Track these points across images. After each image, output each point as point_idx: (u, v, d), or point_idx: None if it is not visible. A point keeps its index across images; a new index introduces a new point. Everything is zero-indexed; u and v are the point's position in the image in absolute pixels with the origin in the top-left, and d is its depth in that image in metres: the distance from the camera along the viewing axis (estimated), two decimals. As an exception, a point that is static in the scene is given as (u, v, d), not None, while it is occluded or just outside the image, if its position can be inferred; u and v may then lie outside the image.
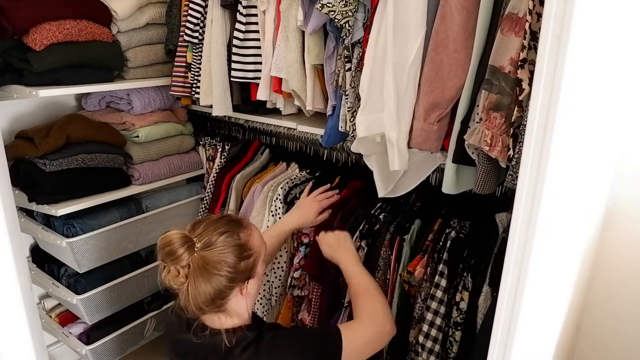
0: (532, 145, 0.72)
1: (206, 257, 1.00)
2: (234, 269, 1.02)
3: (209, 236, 1.02)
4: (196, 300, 1.00)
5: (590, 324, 1.60)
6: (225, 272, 1.01)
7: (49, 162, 1.57)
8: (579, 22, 0.66)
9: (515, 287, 0.79)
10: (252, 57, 1.55)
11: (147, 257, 1.93)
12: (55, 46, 1.51)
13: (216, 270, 1.00)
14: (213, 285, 1.00)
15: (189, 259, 0.99)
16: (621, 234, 1.48)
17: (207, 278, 1.00)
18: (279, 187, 1.64)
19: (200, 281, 0.99)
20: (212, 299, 1.01)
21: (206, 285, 1.00)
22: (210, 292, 1.00)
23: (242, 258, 1.04)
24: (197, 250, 1.00)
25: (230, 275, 1.01)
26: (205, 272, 0.99)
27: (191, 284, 0.99)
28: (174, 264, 0.99)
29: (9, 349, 1.04)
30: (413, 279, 1.31)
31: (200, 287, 0.99)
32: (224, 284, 1.01)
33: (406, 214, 1.44)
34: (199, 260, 0.99)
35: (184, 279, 0.99)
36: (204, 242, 1.01)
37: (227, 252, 1.01)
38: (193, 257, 0.99)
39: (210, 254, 1.00)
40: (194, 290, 0.99)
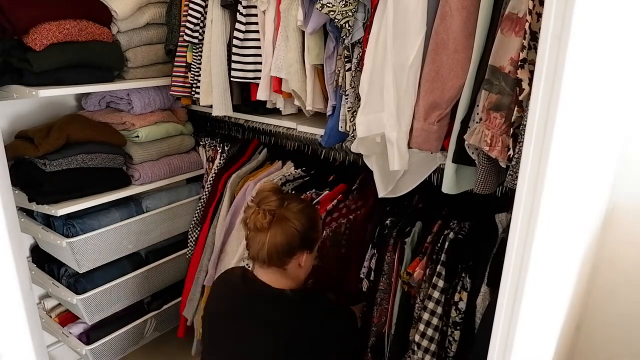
0: (532, 145, 0.72)
1: (288, 215, 1.21)
2: (305, 232, 1.22)
3: (293, 201, 1.25)
4: (270, 248, 1.19)
5: (590, 323, 1.60)
6: (301, 229, 1.21)
7: (49, 162, 1.57)
8: (579, 22, 0.66)
9: (515, 287, 0.79)
10: (252, 57, 1.55)
11: (147, 257, 1.93)
12: (55, 46, 1.51)
13: (293, 225, 1.20)
14: (287, 237, 1.20)
15: (278, 206, 1.21)
16: (621, 234, 1.48)
17: (285, 229, 1.20)
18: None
19: (279, 230, 1.19)
20: (282, 251, 1.20)
21: (282, 235, 1.19)
22: (284, 243, 1.20)
23: (312, 229, 1.25)
24: (284, 207, 1.22)
25: (301, 235, 1.22)
26: (285, 224, 1.20)
27: (272, 231, 1.19)
28: (266, 206, 1.20)
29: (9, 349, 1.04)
30: (412, 280, 1.31)
31: (277, 236, 1.19)
32: (296, 240, 1.21)
33: (408, 216, 1.44)
34: (282, 213, 1.20)
35: (267, 224, 1.19)
36: (288, 203, 1.24)
37: (304, 217, 1.23)
38: (280, 208, 1.21)
39: (292, 214, 1.21)
40: (272, 237, 1.19)
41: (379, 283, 1.40)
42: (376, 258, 1.42)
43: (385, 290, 1.40)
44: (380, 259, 1.40)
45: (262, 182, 1.70)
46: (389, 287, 1.40)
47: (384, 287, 1.40)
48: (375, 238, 1.43)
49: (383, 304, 1.41)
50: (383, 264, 1.39)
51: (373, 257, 1.43)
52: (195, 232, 1.93)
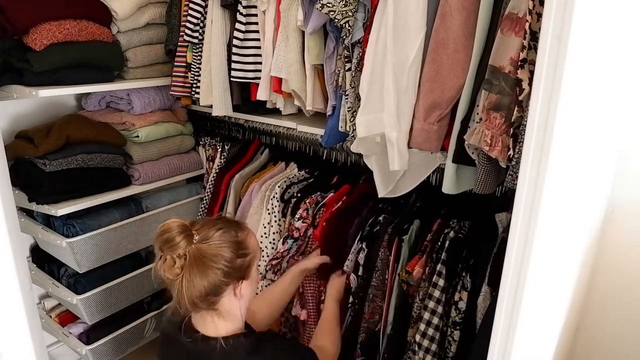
0: (532, 145, 0.72)
1: (203, 250, 0.99)
2: (230, 264, 1.02)
3: (206, 231, 1.02)
4: (190, 294, 0.99)
5: (590, 324, 1.60)
6: (222, 265, 1.00)
7: (49, 162, 1.57)
8: (579, 22, 0.66)
9: (515, 287, 0.79)
10: (252, 57, 1.55)
11: (147, 257, 1.93)
12: (55, 46, 1.51)
13: (212, 262, 0.99)
14: (208, 279, 0.99)
15: (186, 248, 0.98)
16: (621, 234, 1.47)
17: (203, 271, 0.99)
18: (277, 185, 1.65)
19: (196, 273, 0.98)
20: (207, 294, 1.01)
21: (201, 278, 0.99)
22: (205, 286, 1.00)
23: (239, 255, 1.04)
24: (195, 243, 0.99)
25: (225, 270, 1.01)
26: (202, 265, 0.99)
27: (186, 276, 0.98)
28: (170, 252, 0.98)
29: (9, 349, 1.04)
30: (411, 279, 1.31)
31: (195, 280, 0.99)
32: (219, 279, 1.01)
33: (405, 214, 1.44)
34: (196, 252, 0.99)
35: (179, 270, 0.98)
36: (201, 236, 1.01)
37: (224, 246, 1.01)
38: (190, 248, 0.99)
39: (207, 247, 1.00)
40: (188, 283, 0.98)
41: (371, 279, 1.40)
42: (365, 253, 1.41)
43: (378, 287, 1.39)
44: (372, 254, 1.40)
45: (267, 183, 1.70)
46: (382, 284, 1.39)
47: (376, 283, 1.39)
48: (365, 232, 1.43)
49: (376, 300, 1.41)
50: (376, 260, 1.39)
51: (361, 252, 1.41)
52: (198, 234, 1.92)
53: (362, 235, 1.43)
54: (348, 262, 1.45)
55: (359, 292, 1.43)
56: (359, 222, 1.47)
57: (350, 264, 1.44)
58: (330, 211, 1.52)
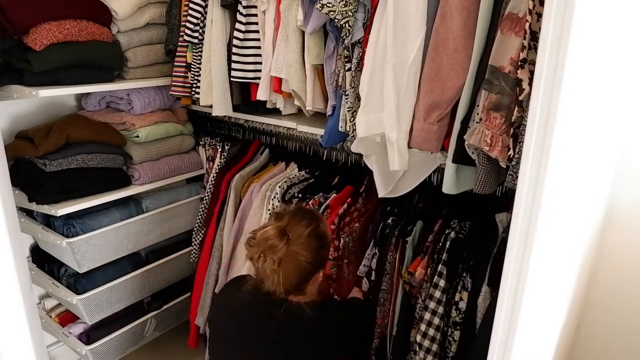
0: (532, 145, 0.72)
1: (296, 247, 1.16)
2: (316, 256, 1.19)
3: (296, 228, 1.18)
4: (286, 284, 1.16)
5: (590, 323, 1.60)
6: (311, 259, 1.17)
7: (49, 162, 1.57)
8: (579, 22, 0.66)
9: (515, 286, 0.79)
10: (252, 57, 1.55)
11: (147, 257, 1.93)
12: (55, 46, 1.51)
13: (304, 258, 1.16)
14: (301, 271, 1.17)
15: (286, 250, 1.15)
16: (621, 234, 1.47)
17: (297, 265, 1.16)
18: (277, 186, 1.65)
19: (291, 267, 1.16)
20: (299, 283, 1.18)
21: (295, 270, 1.16)
22: (299, 276, 1.17)
23: (322, 246, 1.22)
24: (290, 241, 1.16)
25: (314, 262, 1.19)
26: (296, 260, 1.16)
27: (283, 270, 1.15)
28: (272, 255, 1.15)
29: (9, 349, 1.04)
30: (414, 280, 1.31)
31: (290, 272, 1.16)
32: (309, 270, 1.18)
33: (410, 216, 1.44)
34: (291, 249, 1.16)
35: (277, 267, 1.14)
36: (294, 234, 1.17)
37: (313, 241, 1.18)
38: (287, 248, 1.15)
39: (300, 245, 1.16)
40: (285, 276, 1.15)
41: (381, 283, 1.40)
42: (377, 257, 1.41)
43: (388, 290, 1.39)
44: (382, 258, 1.40)
45: (267, 184, 1.70)
46: (390, 287, 1.39)
47: (386, 287, 1.39)
48: (378, 237, 1.43)
49: (386, 304, 1.41)
50: (385, 264, 1.39)
51: (374, 257, 1.42)
52: (200, 234, 1.92)
53: (375, 240, 1.44)
54: (362, 267, 1.45)
55: (369, 296, 1.44)
56: (374, 227, 1.48)
57: (364, 269, 1.45)
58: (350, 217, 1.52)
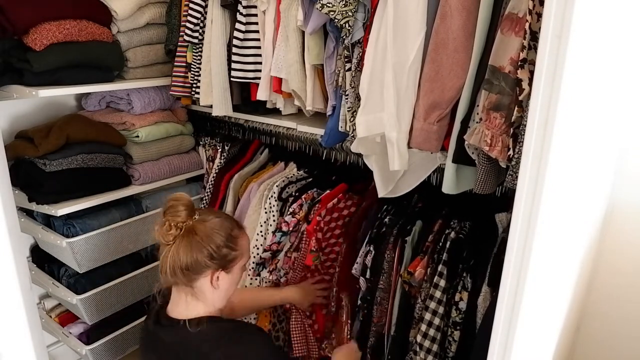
0: (532, 145, 0.72)
1: (198, 228, 1.10)
2: (216, 249, 1.11)
3: (207, 214, 1.14)
4: (173, 262, 1.08)
5: (590, 324, 1.60)
6: (209, 247, 1.09)
7: (49, 162, 1.57)
8: (579, 22, 0.66)
9: (515, 287, 0.79)
10: (252, 57, 1.55)
11: (147, 257, 1.93)
12: (55, 46, 1.51)
13: (202, 241, 1.09)
14: (193, 255, 1.09)
15: (185, 219, 1.09)
16: (621, 235, 1.48)
17: (191, 246, 1.08)
18: (275, 185, 1.65)
19: (185, 245, 1.08)
20: (187, 268, 1.09)
21: (188, 252, 1.08)
22: (188, 260, 1.09)
23: (227, 245, 1.13)
24: (194, 220, 1.10)
25: (210, 253, 1.10)
26: (192, 240, 1.09)
27: (175, 245, 1.08)
28: (171, 217, 1.09)
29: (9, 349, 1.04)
30: (413, 280, 1.31)
31: (181, 251, 1.08)
32: (203, 259, 1.09)
33: (408, 215, 1.44)
34: (191, 227, 1.09)
35: (171, 238, 1.08)
36: (201, 216, 1.12)
37: (217, 232, 1.11)
38: (188, 222, 1.09)
39: (202, 226, 1.10)
40: (175, 252, 1.08)
41: (378, 282, 1.40)
42: (372, 255, 1.40)
43: (385, 289, 1.39)
44: (379, 257, 1.40)
45: (265, 183, 1.70)
46: (389, 287, 1.39)
47: (383, 286, 1.39)
48: (373, 235, 1.43)
49: (383, 303, 1.41)
50: (382, 262, 1.39)
51: (368, 254, 1.41)
52: (198, 234, 1.92)
53: (369, 237, 1.44)
54: (356, 265, 1.45)
55: (367, 295, 1.43)
56: (367, 225, 1.47)
57: (358, 267, 1.44)
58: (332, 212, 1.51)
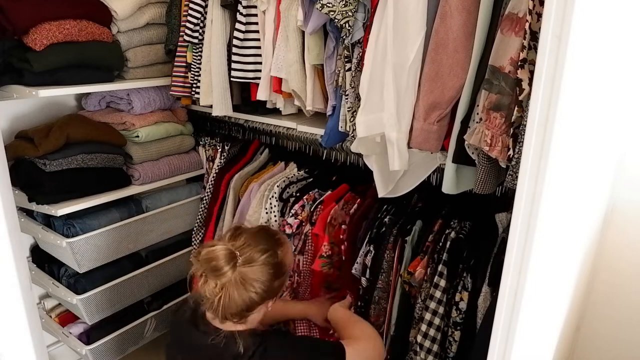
0: (532, 145, 0.72)
1: (245, 274, 1.04)
2: (268, 287, 1.07)
3: (250, 252, 1.05)
4: (225, 311, 1.04)
5: (590, 324, 1.60)
6: (260, 290, 1.05)
7: (49, 162, 1.56)
8: (579, 22, 0.66)
9: (515, 287, 0.79)
10: (252, 57, 1.55)
11: (147, 257, 1.93)
12: (55, 46, 1.51)
13: (252, 287, 1.04)
14: (245, 300, 1.04)
15: (231, 275, 1.02)
16: (621, 235, 1.48)
17: (241, 293, 1.03)
18: (275, 185, 1.65)
19: (235, 294, 1.03)
20: (240, 311, 1.05)
21: (239, 298, 1.04)
22: (241, 305, 1.04)
23: (278, 276, 1.09)
24: (239, 266, 1.03)
25: (263, 294, 1.06)
26: (242, 287, 1.03)
27: (225, 295, 1.02)
28: (216, 279, 1.02)
29: (9, 349, 1.04)
30: (413, 280, 1.31)
31: (233, 300, 1.03)
32: (256, 300, 1.06)
33: (408, 215, 1.44)
34: (237, 276, 1.03)
35: (219, 290, 1.02)
36: (244, 258, 1.04)
37: (266, 270, 1.06)
38: (234, 273, 1.03)
39: (250, 271, 1.04)
40: (226, 302, 1.03)
41: (377, 281, 1.40)
42: (372, 255, 1.40)
43: (384, 289, 1.39)
44: (378, 256, 1.40)
45: (266, 183, 1.70)
46: (387, 286, 1.39)
47: (382, 285, 1.39)
48: (373, 234, 1.43)
49: (381, 303, 1.41)
50: (382, 262, 1.39)
51: (368, 254, 1.41)
52: (199, 234, 1.93)
53: (370, 237, 1.44)
54: (357, 265, 1.44)
55: (365, 294, 1.43)
56: (367, 225, 1.47)
57: (358, 267, 1.44)
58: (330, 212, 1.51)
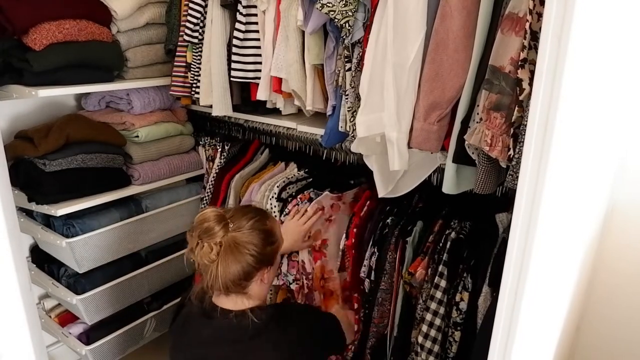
0: (533, 145, 0.72)
1: (237, 238, 1.10)
2: (261, 251, 1.12)
3: (239, 219, 1.13)
4: (225, 278, 1.09)
5: (590, 323, 1.60)
6: (254, 252, 1.11)
7: (48, 162, 1.56)
8: (579, 22, 0.66)
9: (516, 287, 0.79)
10: (252, 57, 1.55)
11: (147, 257, 1.93)
12: (54, 46, 1.50)
13: (246, 249, 1.10)
14: (242, 264, 1.10)
15: (223, 236, 1.08)
16: (621, 235, 1.47)
17: (237, 257, 1.09)
18: (276, 185, 1.65)
19: (231, 259, 1.09)
20: (239, 278, 1.11)
21: (235, 264, 1.09)
22: (239, 270, 1.10)
23: (268, 243, 1.14)
24: (230, 231, 1.10)
25: (257, 256, 1.11)
26: (236, 251, 1.09)
27: (222, 262, 1.08)
28: (208, 239, 1.08)
29: (9, 349, 1.04)
30: (414, 280, 1.31)
31: (229, 266, 1.09)
32: (251, 264, 1.11)
33: (409, 215, 1.44)
34: (231, 240, 1.09)
35: (215, 256, 1.08)
36: (235, 224, 1.11)
37: (256, 234, 1.12)
38: (226, 235, 1.09)
39: (241, 235, 1.10)
40: (223, 268, 1.09)
41: (380, 283, 1.40)
42: (377, 257, 1.41)
43: (387, 290, 1.39)
44: (382, 257, 1.40)
45: (266, 184, 1.70)
46: (390, 288, 1.39)
47: (385, 286, 1.39)
48: (377, 236, 1.43)
49: (385, 304, 1.40)
50: (385, 263, 1.39)
51: (373, 256, 1.41)
52: (198, 234, 1.92)
53: (374, 239, 1.43)
54: (364, 267, 1.44)
55: (368, 296, 1.43)
56: (372, 227, 1.47)
57: (365, 269, 1.44)
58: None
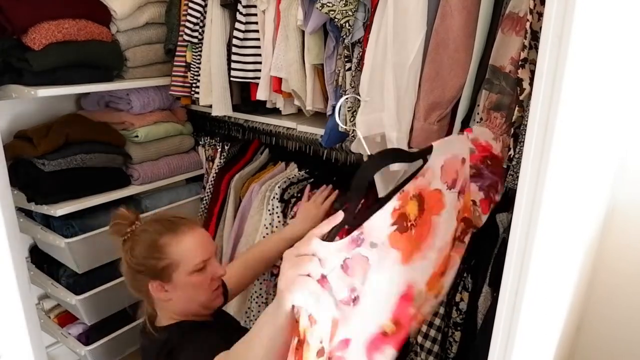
0: (533, 145, 0.72)
1: (134, 241, 1.15)
2: (141, 261, 1.14)
3: (143, 225, 1.18)
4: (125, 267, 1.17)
5: (591, 324, 1.59)
6: (135, 259, 1.14)
7: (47, 162, 1.56)
8: (580, 21, 0.66)
9: (516, 287, 0.79)
10: (251, 56, 1.55)
11: (146, 257, 1.92)
12: (54, 46, 1.50)
13: (131, 257, 1.15)
14: (130, 264, 1.15)
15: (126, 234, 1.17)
16: (622, 235, 1.47)
17: (125, 258, 1.16)
18: (277, 186, 1.64)
19: (126, 260, 1.16)
20: (130, 285, 1.18)
21: (125, 264, 1.17)
22: (125, 273, 1.18)
23: (150, 257, 1.13)
24: (132, 234, 1.17)
25: (136, 267, 1.14)
26: (127, 256, 1.16)
27: (124, 256, 1.16)
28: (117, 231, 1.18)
29: (8, 350, 1.04)
30: (413, 280, 1.30)
31: (122, 266, 1.18)
32: (134, 269, 1.15)
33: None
34: (128, 242, 1.17)
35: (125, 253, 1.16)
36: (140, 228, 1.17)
37: (140, 245, 1.14)
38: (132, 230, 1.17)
39: (136, 240, 1.16)
40: (124, 266, 1.17)
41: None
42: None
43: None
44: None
45: (267, 184, 1.69)
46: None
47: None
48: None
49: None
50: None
51: None
52: (198, 234, 1.92)
53: None
54: None
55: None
56: None
57: None
58: None
